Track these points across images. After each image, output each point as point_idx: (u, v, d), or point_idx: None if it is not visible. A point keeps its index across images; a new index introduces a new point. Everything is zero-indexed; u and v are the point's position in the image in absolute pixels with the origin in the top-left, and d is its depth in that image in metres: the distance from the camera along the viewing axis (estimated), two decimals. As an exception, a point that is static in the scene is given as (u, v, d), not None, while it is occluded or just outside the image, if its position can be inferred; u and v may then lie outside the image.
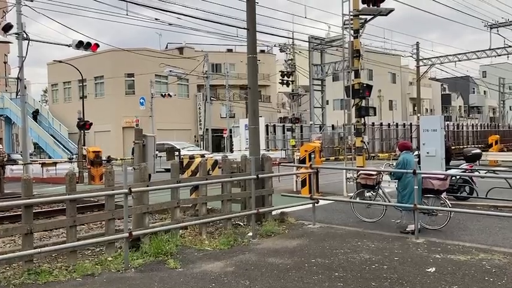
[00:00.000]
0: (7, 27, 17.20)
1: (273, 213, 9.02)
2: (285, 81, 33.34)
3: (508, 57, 33.34)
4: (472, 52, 36.11)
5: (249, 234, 7.86)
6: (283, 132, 37.70)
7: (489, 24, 31.88)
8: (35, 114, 40.04)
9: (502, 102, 59.01)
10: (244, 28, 10.38)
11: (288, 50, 33.86)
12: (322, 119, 36.28)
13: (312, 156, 12.66)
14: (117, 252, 6.61)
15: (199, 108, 43.30)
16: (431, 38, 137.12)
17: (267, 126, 34.29)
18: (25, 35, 17.71)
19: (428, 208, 8.00)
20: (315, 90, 35.35)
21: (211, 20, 31.54)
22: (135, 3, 13.26)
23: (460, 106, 70.30)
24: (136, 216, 7.14)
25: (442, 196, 8.27)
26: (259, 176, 8.30)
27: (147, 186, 7.05)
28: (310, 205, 8.91)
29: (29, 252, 5.74)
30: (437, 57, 38.21)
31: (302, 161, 12.99)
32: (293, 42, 33.61)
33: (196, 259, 6.48)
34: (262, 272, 5.84)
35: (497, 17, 31.60)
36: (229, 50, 46.79)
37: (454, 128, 44.53)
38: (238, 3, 16.14)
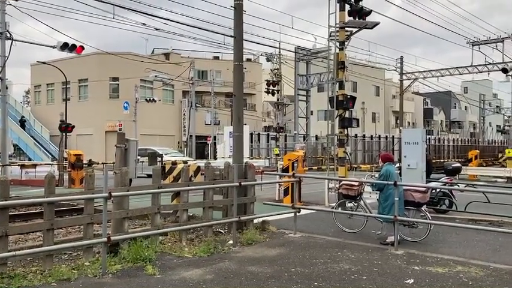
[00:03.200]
0: (-10, 26, 16.95)
1: (255, 221, 8.99)
2: (270, 91, 33.46)
3: (488, 74, 33.99)
4: (454, 68, 36.78)
5: (229, 242, 7.81)
6: (268, 141, 37.77)
7: (471, 41, 32.56)
8: (23, 121, 39.44)
9: (482, 118, 60.08)
10: (231, 36, 10.41)
11: (274, 59, 34.06)
12: (306, 129, 36.46)
13: (295, 165, 12.71)
14: (95, 257, 6.50)
15: (184, 114, 43.12)
16: (415, 53, 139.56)
17: (251, 134, 34.33)
18: (8, 35, 17.46)
19: (409, 220, 8.07)
20: (300, 100, 35.56)
21: (199, 26, 31.53)
22: (122, 7, 13.19)
23: (441, 120, 71.40)
24: (116, 221, 7.04)
25: (423, 209, 8.36)
26: (242, 183, 8.29)
27: (128, 190, 6.97)
28: (292, 214, 8.91)
29: (3, 255, 5.60)
30: (420, 71, 38.81)
31: (285, 169, 13.01)
32: (279, 52, 33.82)
33: (175, 266, 6.41)
34: (242, 280, 5.81)
35: (479, 34, 32.25)
36: (216, 57, 46.84)
37: (435, 142, 45.15)
38: (226, 11, 16.20)
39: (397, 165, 11.84)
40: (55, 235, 6.64)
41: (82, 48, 18.85)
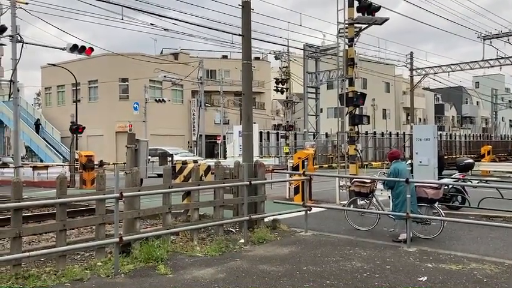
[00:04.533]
0: (1, 30, 17.15)
1: (265, 220, 8.98)
2: (279, 89, 33.40)
3: (500, 68, 33.65)
4: (465, 63, 36.43)
5: (240, 241, 7.81)
6: (277, 139, 37.72)
7: (482, 35, 32.20)
8: (38, 124, 39.83)
9: (494, 112, 59.38)
10: (239, 35, 10.39)
11: (283, 57, 33.98)
12: (316, 127, 36.36)
13: (305, 163, 12.65)
14: (107, 257, 6.53)
15: (193, 114, 43.22)
16: (425, 49, 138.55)
17: (260, 133, 34.30)
18: (19, 38, 17.63)
19: (421, 217, 8.00)
20: (309, 98, 35.46)
21: (207, 26, 31.70)
22: (130, 8, 13.26)
23: (453, 116, 70.70)
24: (127, 221, 7.07)
25: (436, 205, 8.28)
26: (252, 182, 8.27)
27: (139, 190, 6.99)
28: (303, 212, 8.88)
29: (18, 256, 5.65)
30: (431, 67, 38.49)
31: (295, 168, 12.97)
32: (288, 50, 33.73)
33: (187, 265, 6.42)
34: (254, 279, 5.79)
35: (491, 28, 31.87)
36: (224, 57, 46.87)
37: (447, 138, 44.76)
38: (234, 10, 16.20)
39: (409, 161, 11.75)
40: (67, 235, 6.69)
41: (91, 49, 18.98)
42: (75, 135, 23.65)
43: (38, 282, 5.54)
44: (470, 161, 13.77)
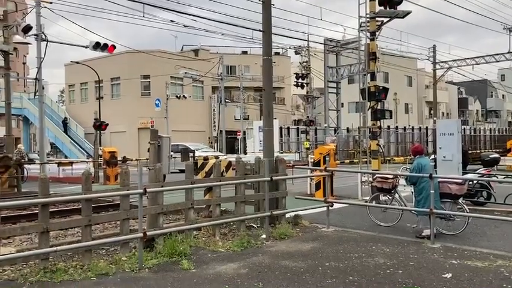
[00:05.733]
0: (26, 29, 17.50)
1: (287, 215, 8.98)
2: (299, 84, 33.26)
3: (527, 60, 32.78)
4: (490, 55, 35.59)
5: (262, 236, 7.83)
6: (297, 135, 37.61)
7: (508, 27, 31.41)
8: (66, 123, 40.61)
9: (520, 106, 58.03)
10: (259, 30, 10.38)
11: (303, 52, 33.79)
12: (337, 122, 36.07)
13: (327, 159, 12.60)
14: (132, 252, 6.64)
15: (214, 110, 43.43)
16: (448, 41, 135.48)
17: (281, 128, 34.22)
18: (44, 36, 17.97)
19: (445, 213, 7.88)
20: (330, 92, 35.15)
21: (227, 22, 31.67)
22: (151, 5, 13.38)
23: (477, 110, 69.31)
24: (151, 217, 7.17)
25: (460, 201, 8.15)
26: (273, 178, 8.28)
27: (162, 186, 7.08)
28: (324, 208, 8.85)
29: (45, 250, 5.80)
30: (454, 60, 37.75)
31: (316, 163, 12.92)
32: (308, 44, 33.53)
33: (209, 260, 6.48)
34: (276, 274, 5.81)
35: (517, 19, 31.09)
36: (244, 52, 46.91)
37: (471, 132, 43.91)
38: (254, 6, 16.17)
39: (432, 156, 11.58)
40: (92, 230, 6.82)
41: (113, 47, 19.21)
42: (98, 131, 24.04)
43: (65, 276, 5.67)
44: (496, 155, 13.49)
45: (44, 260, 5.85)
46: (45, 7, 17.96)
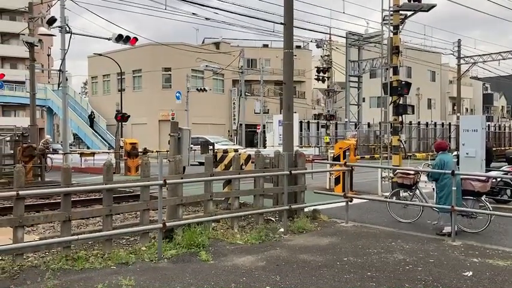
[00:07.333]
0: (51, 21, 17.80)
1: (305, 210, 8.96)
2: (320, 78, 33.02)
3: (556, 55, 31.82)
4: (517, 50, 34.70)
5: (280, 230, 7.83)
6: (317, 129, 37.40)
7: (537, 21, 30.52)
8: (92, 118, 41.19)
9: (548, 103, 56.51)
10: (281, 23, 10.33)
11: (325, 45, 33.50)
12: (357, 117, 35.73)
13: (347, 153, 12.51)
14: (151, 242, 6.72)
15: (234, 103, 43.52)
16: (474, 36, 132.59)
17: (301, 122, 34.08)
18: (68, 29, 18.26)
19: (467, 210, 7.75)
20: (351, 87, 34.81)
21: (248, 15, 31.65)
22: (173, -2, 13.40)
23: (502, 106, 67.79)
24: (170, 208, 7.24)
25: (482, 198, 8.00)
26: (292, 172, 8.26)
27: (182, 178, 7.13)
28: (344, 203, 8.79)
29: (67, 238, 5.92)
30: (479, 55, 36.94)
31: (336, 158, 12.83)
32: (330, 38, 33.23)
33: (227, 252, 6.52)
34: (293, 268, 5.81)
35: (546, 13, 30.20)
36: (265, 46, 46.80)
37: (495, 129, 42.98)
38: (276, -2, 16.07)
39: (455, 153, 11.38)
40: (113, 220, 6.92)
41: (136, 39, 19.40)
42: (120, 123, 24.36)
43: (86, 264, 5.78)
44: (521, 153, 13.18)
45: (66, 248, 5.98)
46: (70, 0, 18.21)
